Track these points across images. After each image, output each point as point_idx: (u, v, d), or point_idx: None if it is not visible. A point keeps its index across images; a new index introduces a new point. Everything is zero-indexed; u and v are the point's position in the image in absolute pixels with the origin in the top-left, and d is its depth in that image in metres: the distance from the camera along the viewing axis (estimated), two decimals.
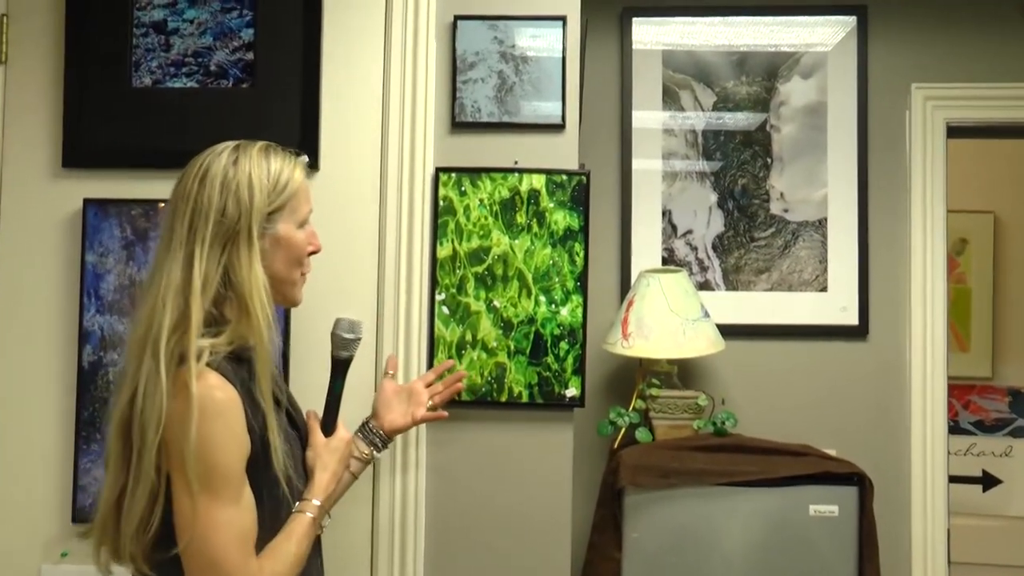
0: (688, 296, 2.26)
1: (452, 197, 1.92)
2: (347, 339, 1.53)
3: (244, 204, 1.33)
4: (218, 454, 1.25)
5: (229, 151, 1.37)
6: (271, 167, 1.38)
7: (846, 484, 2.03)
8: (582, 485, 2.28)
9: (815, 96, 2.54)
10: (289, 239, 1.40)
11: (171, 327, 1.28)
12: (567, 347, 1.91)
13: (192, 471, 1.24)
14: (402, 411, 1.73)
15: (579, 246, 1.91)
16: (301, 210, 1.42)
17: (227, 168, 1.35)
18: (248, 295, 1.32)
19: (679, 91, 2.55)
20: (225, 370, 1.29)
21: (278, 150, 1.42)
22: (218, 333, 1.32)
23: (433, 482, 1.91)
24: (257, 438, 1.31)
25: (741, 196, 2.54)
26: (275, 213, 1.37)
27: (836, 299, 2.51)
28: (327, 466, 1.44)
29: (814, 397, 2.50)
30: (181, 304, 1.29)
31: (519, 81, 1.93)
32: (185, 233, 1.32)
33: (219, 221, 1.32)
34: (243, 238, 1.33)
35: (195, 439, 1.24)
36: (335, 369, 1.53)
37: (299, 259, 1.43)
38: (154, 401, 1.25)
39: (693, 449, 2.11)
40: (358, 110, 1.93)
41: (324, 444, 1.46)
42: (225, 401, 1.27)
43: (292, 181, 1.40)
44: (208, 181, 1.34)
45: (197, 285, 1.29)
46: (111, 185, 1.90)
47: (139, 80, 1.92)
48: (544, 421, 1.92)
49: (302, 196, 1.42)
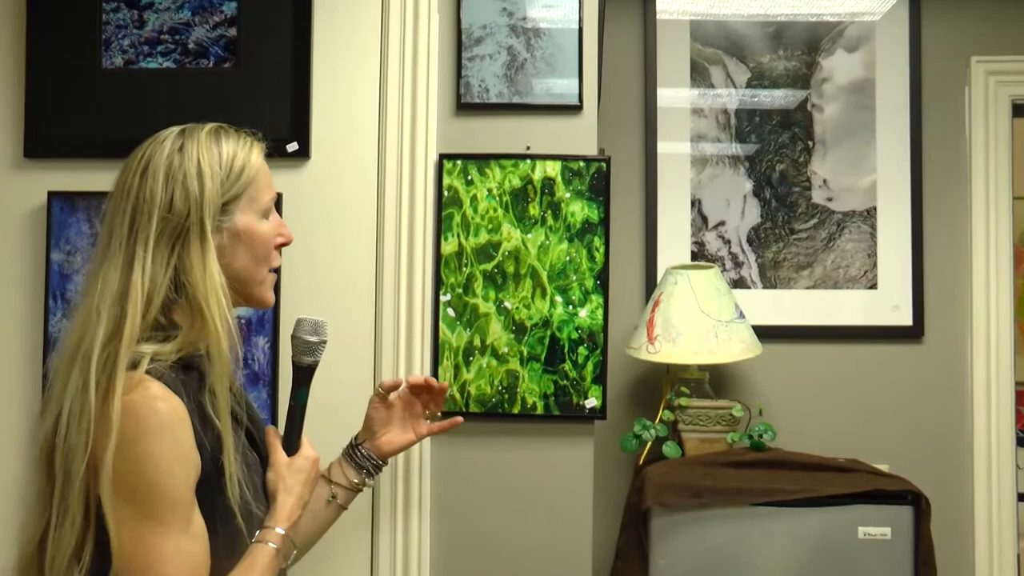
0: (721, 295, 2.25)
1: (457, 187, 1.92)
2: (310, 343, 1.47)
3: (193, 196, 1.29)
4: (162, 475, 1.20)
5: (173, 137, 1.34)
6: (223, 151, 1.33)
7: (900, 503, 2.03)
8: (604, 506, 2.28)
9: (862, 71, 2.53)
10: (251, 231, 1.35)
11: (105, 339, 1.23)
12: (586, 353, 1.91)
13: (133, 496, 1.19)
14: (401, 429, 1.67)
15: (599, 240, 1.91)
16: (262, 197, 1.37)
17: (171, 156, 1.31)
18: (203, 298, 1.27)
19: (709, 66, 2.55)
20: (168, 379, 1.24)
21: (231, 131, 1.38)
22: (166, 339, 1.27)
23: (439, 503, 1.91)
24: (209, 457, 1.26)
25: (779, 183, 2.53)
26: (231, 203, 1.33)
27: (887, 297, 2.50)
28: (291, 489, 1.38)
29: (863, 406, 2.49)
30: (117, 314, 1.24)
31: (531, 57, 1.93)
32: (125, 234, 1.28)
33: (164, 218, 1.28)
34: (194, 235, 1.29)
35: (135, 458, 1.19)
36: (297, 377, 1.48)
37: (265, 254, 1.38)
38: (80, 423, 1.20)
39: (727, 465, 2.11)
40: (353, 91, 1.93)
41: (287, 464, 1.40)
42: (169, 413, 1.22)
43: (249, 165, 1.35)
44: (150, 173, 1.30)
45: (137, 292, 1.25)
46: (79, 177, 1.90)
47: (109, 60, 1.92)
48: (561, 435, 1.91)
49: (262, 182, 1.37)
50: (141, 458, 1.20)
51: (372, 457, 1.64)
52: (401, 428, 1.67)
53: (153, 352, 1.25)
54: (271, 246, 1.39)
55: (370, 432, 1.66)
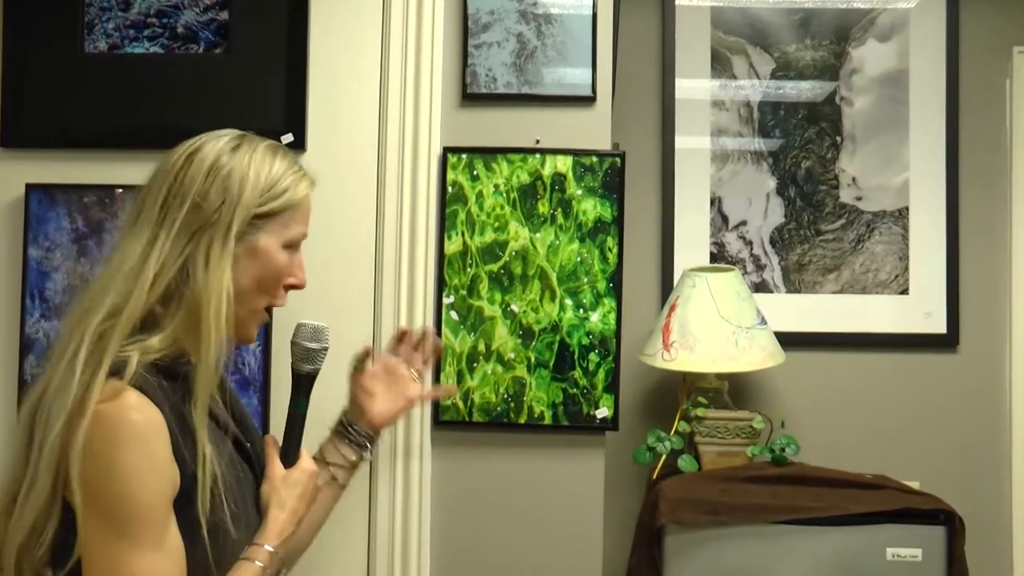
0: (741, 299, 2.25)
1: (462, 182, 1.92)
2: (310, 349, 1.48)
3: (231, 194, 1.32)
4: (135, 489, 1.20)
5: (232, 137, 1.37)
6: (274, 167, 1.37)
7: (931, 523, 2.02)
8: (615, 523, 2.27)
9: (895, 62, 2.52)
10: (269, 254, 1.36)
11: (108, 312, 1.26)
12: (597, 359, 1.90)
13: (103, 509, 1.20)
14: (389, 396, 1.67)
15: (612, 240, 1.90)
16: (293, 229, 1.39)
17: (223, 152, 1.34)
18: (204, 299, 1.29)
19: (731, 56, 2.54)
20: (148, 386, 1.24)
21: (289, 154, 1.41)
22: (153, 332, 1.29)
23: (439, 520, 1.91)
24: (190, 471, 1.26)
25: (805, 181, 2.53)
26: (262, 219, 1.35)
27: (919, 303, 2.49)
28: (283, 503, 1.38)
29: (892, 419, 2.48)
30: (127, 290, 1.27)
31: (542, 45, 1.93)
32: (156, 212, 1.31)
33: (196, 206, 1.30)
34: (218, 232, 1.31)
35: (106, 471, 1.20)
36: (296, 386, 1.48)
37: (272, 286, 1.39)
38: (61, 397, 1.22)
39: (747, 480, 2.10)
40: (352, 79, 1.93)
41: (282, 477, 1.41)
42: (144, 424, 1.22)
43: (294, 192, 1.38)
44: (197, 159, 1.33)
45: (150, 273, 1.28)
46: (59, 168, 1.90)
47: (92, 45, 1.93)
48: (570, 447, 1.91)
49: (300, 214, 1.40)
50: (112, 471, 1.20)
51: (367, 432, 1.64)
52: (390, 397, 1.68)
53: (139, 353, 1.26)
54: (280, 281, 1.40)
55: (358, 408, 1.66)
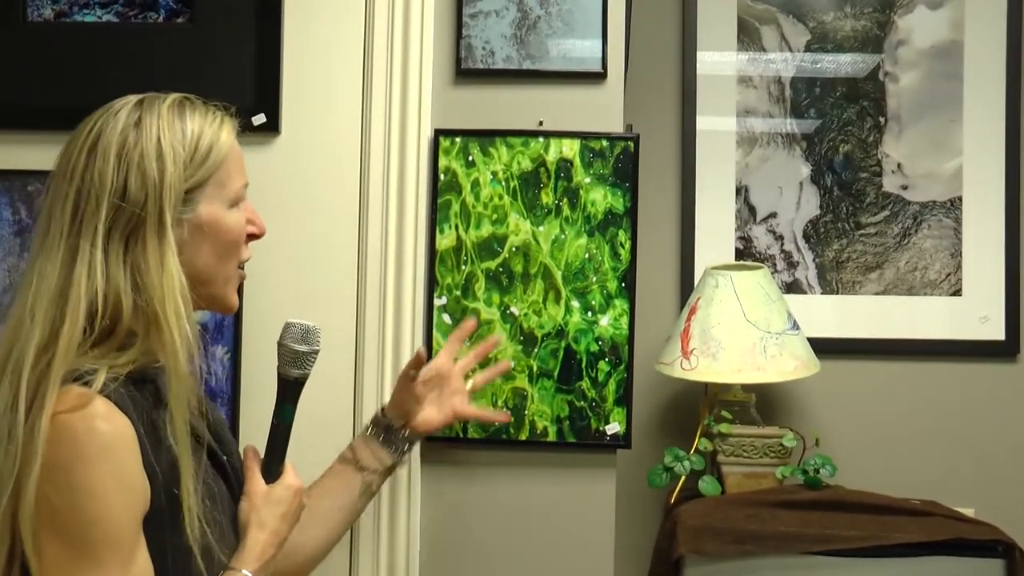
0: (770, 301, 2.25)
1: (456, 169, 1.93)
2: (299, 352, 1.49)
3: (152, 181, 1.29)
4: (100, 507, 1.20)
5: (130, 108, 1.34)
6: (188, 128, 1.34)
7: (988, 555, 2.03)
8: (628, 553, 2.27)
9: (947, 33, 2.52)
10: (217, 223, 1.36)
11: (38, 347, 1.24)
12: (608, 369, 1.90)
13: (65, 531, 1.20)
14: (439, 403, 1.75)
15: (624, 234, 1.91)
16: (232, 184, 1.38)
17: (126, 132, 1.31)
18: (159, 303, 1.28)
19: (760, 27, 2.54)
20: (116, 395, 1.25)
21: (197, 104, 1.39)
22: (120, 348, 1.29)
23: (429, 551, 1.91)
24: (160, 488, 1.27)
25: (843, 168, 2.53)
26: (195, 191, 1.34)
27: (974, 306, 2.49)
28: (264, 524, 1.39)
29: (943, 437, 2.48)
30: (54, 316, 1.25)
31: (545, 14, 1.93)
32: (67, 222, 1.29)
33: (116, 206, 1.28)
34: (151, 227, 1.29)
35: (68, 488, 1.20)
36: (283, 392, 1.50)
37: (234, 248, 1.40)
38: (7, 446, 1.21)
39: (776, 506, 2.10)
40: (332, 53, 1.93)
41: (263, 494, 1.42)
42: (111, 435, 1.22)
43: (217, 145, 1.36)
44: (100, 151, 1.30)
45: (79, 292, 1.26)
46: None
47: (36, 12, 1.92)
48: (578, 467, 1.91)
49: (232, 165, 1.39)
50: (76, 488, 1.20)
51: (410, 436, 1.73)
52: (439, 404, 1.76)
53: (107, 365, 1.26)
54: (240, 239, 1.41)
55: (402, 411, 1.73)
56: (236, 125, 1.42)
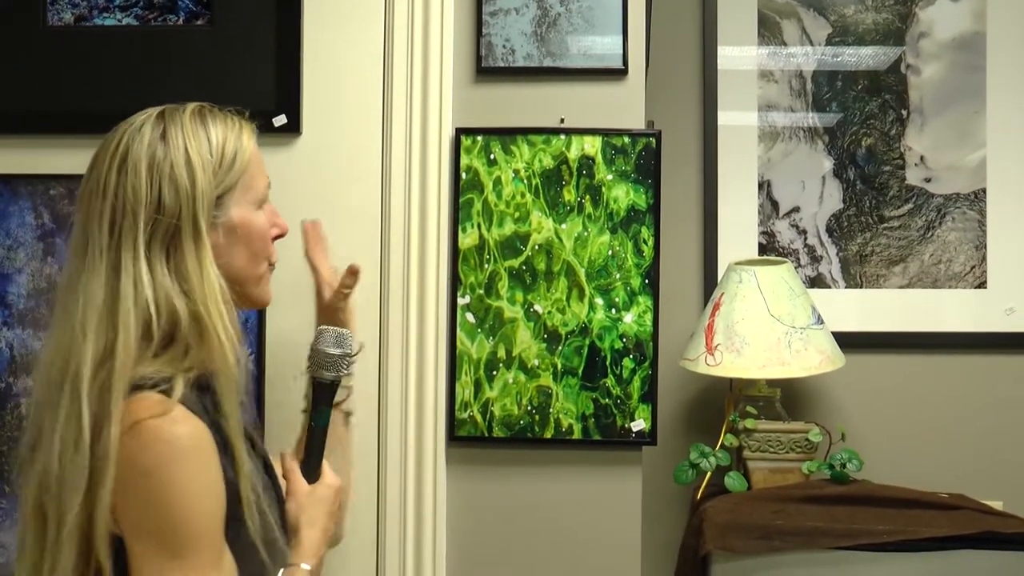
0: (794, 296, 2.24)
1: (478, 168, 1.92)
2: (333, 356, 1.52)
3: (184, 190, 1.33)
4: (191, 508, 1.25)
5: (152, 122, 1.37)
6: (212, 136, 1.38)
7: (1016, 548, 2.02)
8: (654, 550, 2.27)
9: (970, 24, 2.51)
10: (248, 224, 1.41)
11: (95, 361, 1.28)
12: (632, 365, 1.90)
13: (157, 533, 1.24)
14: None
15: (647, 231, 1.90)
16: (257, 185, 1.43)
17: (153, 146, 1.35)
18: (203, 307, 1.32)
19: (781, 20, 2.53)
20: (189, 400, 1.29)
21: (216, 112, 1.42)
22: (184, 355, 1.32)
23: (455, 549, 1.91)
24: (232, 487, 1.31)
25: (866, 161, 2.52)
26: (225, 195, 1.38)
27: (1000, 298, 2.48)
28: (314, 521, 1.44)
29: (970, 430, 2.47)
30: (107, 331, 1.29)
31: (566, 11, 1.93)
32: (105, 239, 1.32)
33: (152, 218, 1.32)
34: (187, 235, 1.33)
35: (157, 490, 1.24)
36: (317, 396, 1.53)
37: (263, 248, 1.45)
38: (75, 459, 1.24)
39: (803, 501, 2.10)
40: (352, 53, 1.93)
41: (308, 493, 1.46)
42: (193, 437, 1.27)
43: (241, 151, 1.41)
44: (130, 167, 1.33)
45: (129, 305, 1.29)
46: (20, 156, 1.91)
47: (57, 16, 1.93)
48: (603, 464, 1.91)
49: (255, 168, 1.43)
50: (165, 489, 1.24)
51: None
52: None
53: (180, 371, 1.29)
54: (268, 239, 1.46)
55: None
56: (254, 129, 1.46)
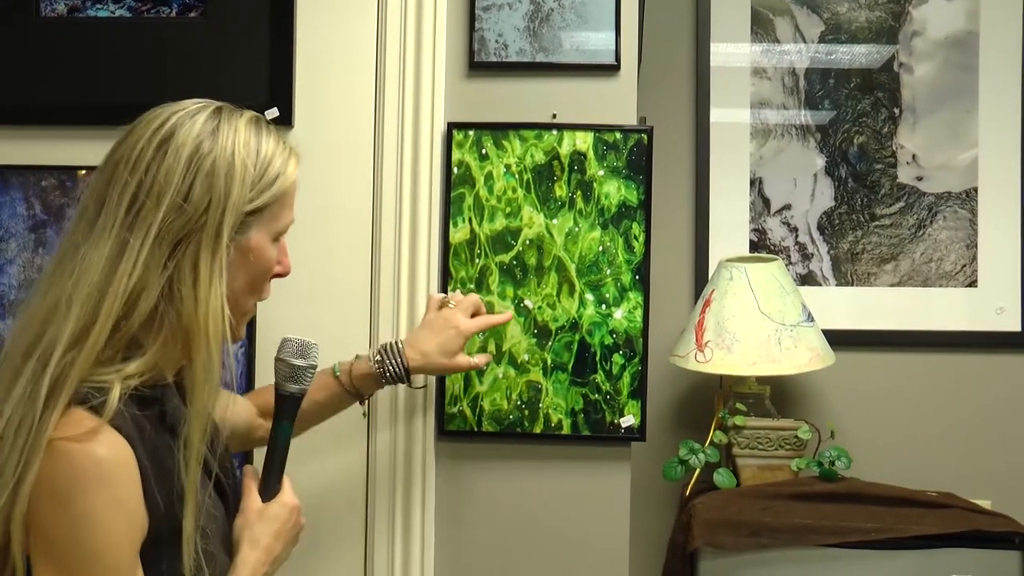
0: (785, 293, 2.24)
1: (470, 162, 1.92)
2: (296, 367, 1.46)
3: (218, 192, 1.25)
4: (98, 538, 1.17)
5: (208, 114, 1.29)
6: (262, 149, 1.31)
7: (1004, 547, 2.02)
8: (643, 546, 2.27)
9: (963, 23, 2.51)
10: (261, 252, 1.33)
11: (69, 341, 1.19)
12: (622, 361, 1.90)
13: (64, 561, 1.17)
14: (439, 343, 1.73)
15: (638, 227, 1.90)
16: (283, 218, 1.35)
17: (202, 136, 1.26)
18: (196, 324, 1.23)
19: (774, 17, 2.53)
20: (121, 420, 1.20)
21: (271, 128, 1.35)
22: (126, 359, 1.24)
23: (444, 543, 1.91)
24: (162, 516, 1.23)
25: (858, 159, 2.52)
26: (253, 215, 1.30)
27: (990, 297, 2.48)
28: (257, 541, 1.36)
29: (959, 429, 2.47)
30: (90, 311, 1.20)
31: (558, 6, 1.92)
32: (122, 213, 1.23)
33: (177, 207, 1.23)
34: (207, 239, 1.24)
35: (69, 520, 1.17)
36: (280, 408, 1.48)
37: (261, 281, 1.37)
38: (16, 439, 1.17)
39: (792, 498, 2.10)
40: (345, 47, 1.92)
41: (258, 511, 1.39)
42: (111, 462, 1.18)
43: (284, 176, 1.33)
44: (172, 148, 1.25)
45: (118, 290, 1.20)
46: (12, 147, 1.91)
47: (49, 8, 1.93)
48: (592, 460, 1.91)
49: (289, 200, 1.36)
50: (74, 517, 1.17)
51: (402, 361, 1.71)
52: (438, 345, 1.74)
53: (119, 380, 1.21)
54: (269, 275, 1.38)
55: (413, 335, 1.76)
56: (299, 161, 1.38)
